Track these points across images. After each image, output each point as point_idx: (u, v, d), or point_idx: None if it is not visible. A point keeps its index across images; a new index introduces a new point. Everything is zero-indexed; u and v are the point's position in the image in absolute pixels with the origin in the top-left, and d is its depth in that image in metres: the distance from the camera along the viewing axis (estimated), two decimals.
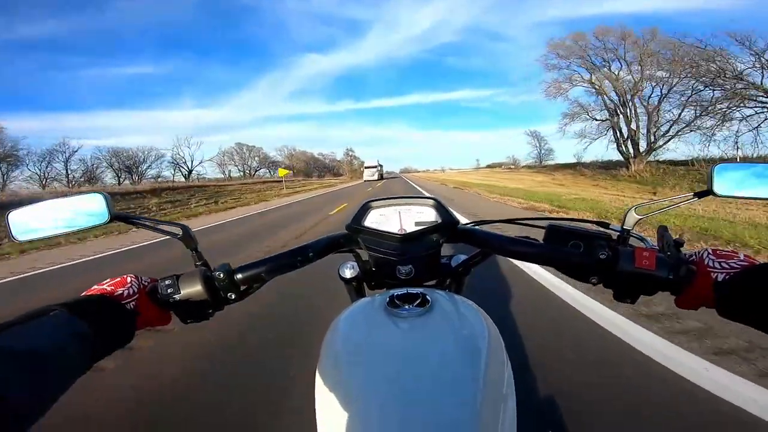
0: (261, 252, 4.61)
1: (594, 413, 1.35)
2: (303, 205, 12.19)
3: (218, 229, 7.69)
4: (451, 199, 10.53)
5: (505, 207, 8.74)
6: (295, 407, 1.39)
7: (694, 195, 0.49)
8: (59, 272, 4.57)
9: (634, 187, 16.99)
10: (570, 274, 0.52)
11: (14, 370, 0.29)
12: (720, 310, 0.42)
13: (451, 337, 0.46)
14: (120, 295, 0.45)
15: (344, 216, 7.75)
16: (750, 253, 2.26)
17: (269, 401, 1.54)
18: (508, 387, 0.42)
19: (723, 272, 0.42)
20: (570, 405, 1.38)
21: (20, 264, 5.15)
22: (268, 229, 7.09)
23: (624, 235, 0.50)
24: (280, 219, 8.75)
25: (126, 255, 5.43)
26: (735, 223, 4.99)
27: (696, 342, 1.78)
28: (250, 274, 0.55)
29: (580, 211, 6.64)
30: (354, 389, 0.40)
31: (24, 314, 0.35)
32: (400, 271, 0.61)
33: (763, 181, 0.48)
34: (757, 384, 1.43)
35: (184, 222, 0.70)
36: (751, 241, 3.72)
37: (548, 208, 7.78)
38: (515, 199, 10.03)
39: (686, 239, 3.38)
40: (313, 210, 10.46)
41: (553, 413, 1.35)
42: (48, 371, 0.31)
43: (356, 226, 0.64)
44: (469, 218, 4.96)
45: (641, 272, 0.45)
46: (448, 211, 0.64)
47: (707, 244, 3.64)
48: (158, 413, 1.56)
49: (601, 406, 1.38)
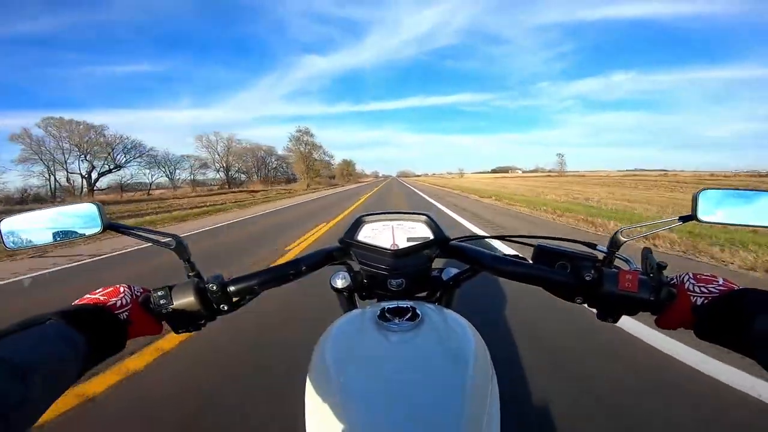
0: None
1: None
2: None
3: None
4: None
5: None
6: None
7: (678, 219, 0.50)
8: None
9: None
10: (556, 293, 0.53)
11: (8, 379, 0.29)
12: (697, 332, 0.44)
13: (439, 351, 0.47)
14: (113, 305, 0.46)
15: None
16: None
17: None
18: (492, 397, 0.43)
19: (702, 296, 0.44)
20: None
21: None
22: None
23: (610, 256, 0.51)
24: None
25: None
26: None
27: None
28: (243, 286, 0.55)
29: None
30: (343, 398, 0.41)
31: (19, 323, 0.36)
32: (392, 283, 0.62)
33: (746, 208, 0.49)
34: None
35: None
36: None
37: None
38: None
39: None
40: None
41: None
42: (42, 379, 0.32)
43: (349, 241, 0.65)
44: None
45: (624, 294, 0.47)
46: (439, 227, 0.65)
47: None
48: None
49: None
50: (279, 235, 6.38)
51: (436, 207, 10.41)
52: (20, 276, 4.08)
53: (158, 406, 1.58)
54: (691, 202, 0.50)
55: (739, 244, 3.87)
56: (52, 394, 0.33)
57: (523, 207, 9.46)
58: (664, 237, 4.44)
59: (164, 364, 1.93)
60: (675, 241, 4.30)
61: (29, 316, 0.37)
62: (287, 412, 1.39)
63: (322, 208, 12.55)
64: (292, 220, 8.73)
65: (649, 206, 9.96)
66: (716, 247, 3.88)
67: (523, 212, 8.57)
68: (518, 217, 7.77)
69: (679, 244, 4.17)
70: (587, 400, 1.48)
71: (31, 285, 3.77)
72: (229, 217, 10.51)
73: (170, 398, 1.63)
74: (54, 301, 2.98)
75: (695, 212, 0.49)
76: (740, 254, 3.58)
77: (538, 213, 8.19)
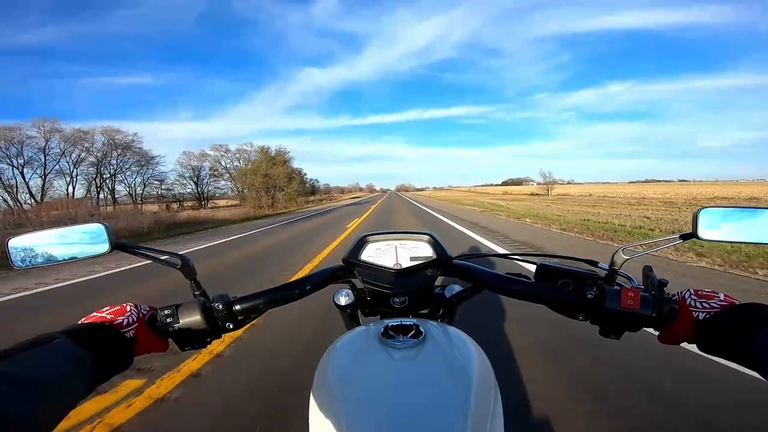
0: None
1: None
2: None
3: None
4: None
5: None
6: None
7: (679, 237, 0.51)
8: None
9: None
10: (559, 311, 0.53)
11: (17, 397, 0.29)
12: (700, 345, 0.44)
13: (443, 368, 0.47)
14: (120, 323, 0.47)
15: None
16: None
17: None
18: (496, 415, 0.43)
19: (704, 311, 0.45)
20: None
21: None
22: None
23: (611, 274, 0.51)
24: None
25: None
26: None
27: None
28: (248, 305, 0.56)
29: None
30: (347, 415, 0.40)
31: (27, 341, 0.36)
32: (395, 301, 0.62)
33: (746, 225, 0.50)
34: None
35: None
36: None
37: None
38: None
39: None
40: None
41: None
42: (49, 397, 0.32)
43: (353, 260, 0.65)
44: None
45: (627, 311, 0.47)
46: (442, 247, 0.66)
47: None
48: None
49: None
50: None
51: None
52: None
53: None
54: (692, 220, 0.50)
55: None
56: (59, 411, 0.34)
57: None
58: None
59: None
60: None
61: (37, 335, 0.38)
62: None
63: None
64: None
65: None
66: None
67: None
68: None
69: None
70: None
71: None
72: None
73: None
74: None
75: (696, 230, 0.49)
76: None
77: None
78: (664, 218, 9.86)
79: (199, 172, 37.79)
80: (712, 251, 4.39)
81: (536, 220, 9.53)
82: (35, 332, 0.38)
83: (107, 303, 0.51)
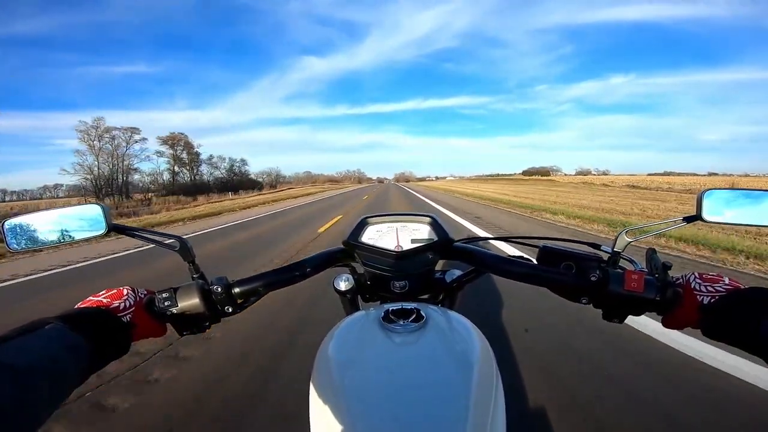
0: None
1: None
2: None
3: None
4: None
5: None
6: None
7: (683, 219, 0.50)
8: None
9: None
10: (561, 294, 0.53)
11: (10, 385, 0.29)
12: (705, 330, 0.44)
13: (444, 352, 0.47)
14: (116, 307, 0.46)
15: None
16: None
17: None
18: (497, 399, 0.43)
19: (708, 295, 0.44)
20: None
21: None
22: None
23: (614, 257, 0.51)
24: None
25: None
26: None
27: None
28: (247, 288, 0.55)
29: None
30: (348, 400, 0.40)
31: (19, 327, 0.35)
32: (395, 285, 0.62)
33: (750, 207, 0.49)
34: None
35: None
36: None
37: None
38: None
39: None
40: None
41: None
42: (44, 385, 0.31)
43: (353, 242, 0.65)
44: None
45: (630, 294, 0.47)
46: (444, 229, 0.65)
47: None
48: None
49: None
50: None
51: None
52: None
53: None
54: (696, 202, 0.50)
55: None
56: (54, 399, 0.33)
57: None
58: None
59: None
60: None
61: (30, 321, 0.37)
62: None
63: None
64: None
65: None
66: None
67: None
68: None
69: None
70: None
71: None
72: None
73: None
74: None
75: (700, 212, 0.49)
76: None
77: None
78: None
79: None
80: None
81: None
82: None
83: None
